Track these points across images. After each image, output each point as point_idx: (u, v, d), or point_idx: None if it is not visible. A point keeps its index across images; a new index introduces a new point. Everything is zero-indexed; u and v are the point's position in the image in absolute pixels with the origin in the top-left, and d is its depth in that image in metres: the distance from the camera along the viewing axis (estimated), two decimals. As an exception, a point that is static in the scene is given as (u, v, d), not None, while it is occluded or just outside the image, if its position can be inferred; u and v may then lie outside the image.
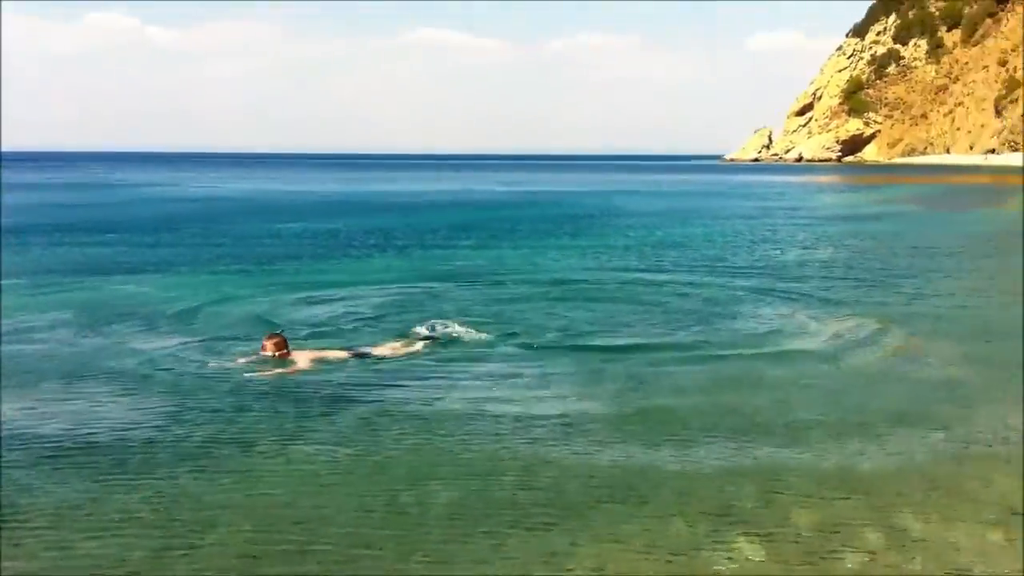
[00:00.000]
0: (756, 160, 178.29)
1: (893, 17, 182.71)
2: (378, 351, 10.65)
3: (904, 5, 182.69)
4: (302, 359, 10.13)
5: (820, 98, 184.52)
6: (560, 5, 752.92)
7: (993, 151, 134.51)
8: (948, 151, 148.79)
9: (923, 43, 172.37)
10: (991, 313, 14.07)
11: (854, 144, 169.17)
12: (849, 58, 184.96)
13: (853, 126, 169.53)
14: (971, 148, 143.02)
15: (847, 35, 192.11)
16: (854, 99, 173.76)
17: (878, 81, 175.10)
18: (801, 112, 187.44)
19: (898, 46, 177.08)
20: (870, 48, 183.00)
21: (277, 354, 10.08)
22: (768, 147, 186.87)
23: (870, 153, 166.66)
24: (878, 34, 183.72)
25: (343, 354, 10.48)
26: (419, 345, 10.96)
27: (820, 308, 13.83)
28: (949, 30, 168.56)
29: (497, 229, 28.98)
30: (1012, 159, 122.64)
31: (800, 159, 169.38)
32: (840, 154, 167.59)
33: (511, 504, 6.06)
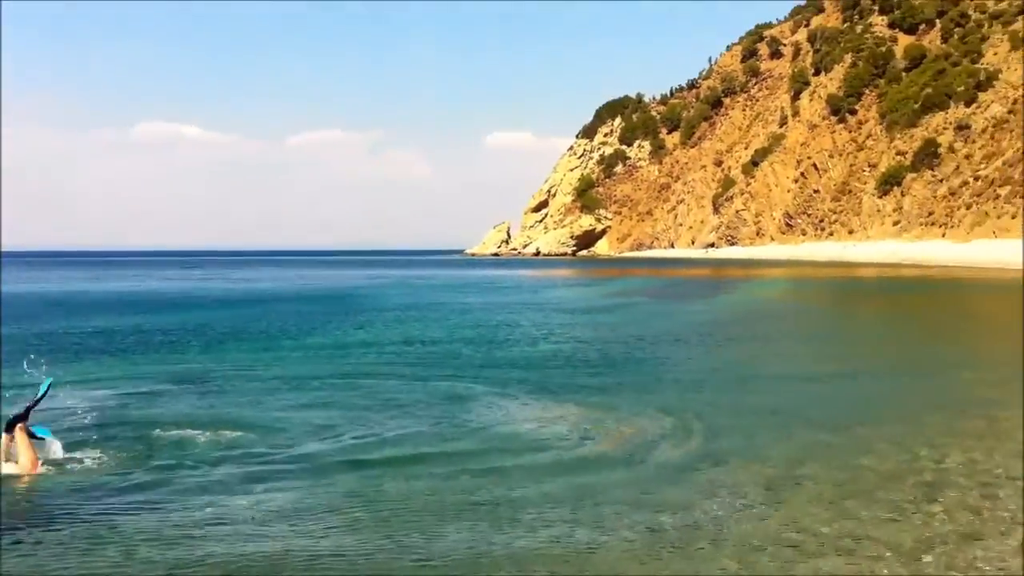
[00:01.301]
0: (496, 254, 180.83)
1: (619, 120, 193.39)
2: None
3: (628, 109, 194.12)
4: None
5: (555, 195, 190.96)
6: (297, 102, 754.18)
7: (712, 245, 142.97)
8: (672, 245, 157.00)
9: (647, 144, 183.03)
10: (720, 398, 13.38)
11: (587, 239, 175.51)
12: (580, 158, 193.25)
13: (586, 222, 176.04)
14: (692, 242, 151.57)
15: (577, 136, 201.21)
16: (586, 196, 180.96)
17: (607, 180, 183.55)
18: (537, 208, 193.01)
19: (624, 147, 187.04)
20: (599, 149, 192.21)
21: None
22: (507, 242, 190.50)
23: (602, 247, 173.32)
24: (605, 135, 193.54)
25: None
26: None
27: (554, 399, 13.44)
28: (670, 132, 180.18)
29: (226, 328, 25.71)
30: (731, 252, 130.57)
31: (538, 253, 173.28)
32: (575, 248, 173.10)
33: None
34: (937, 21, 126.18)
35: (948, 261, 74.00)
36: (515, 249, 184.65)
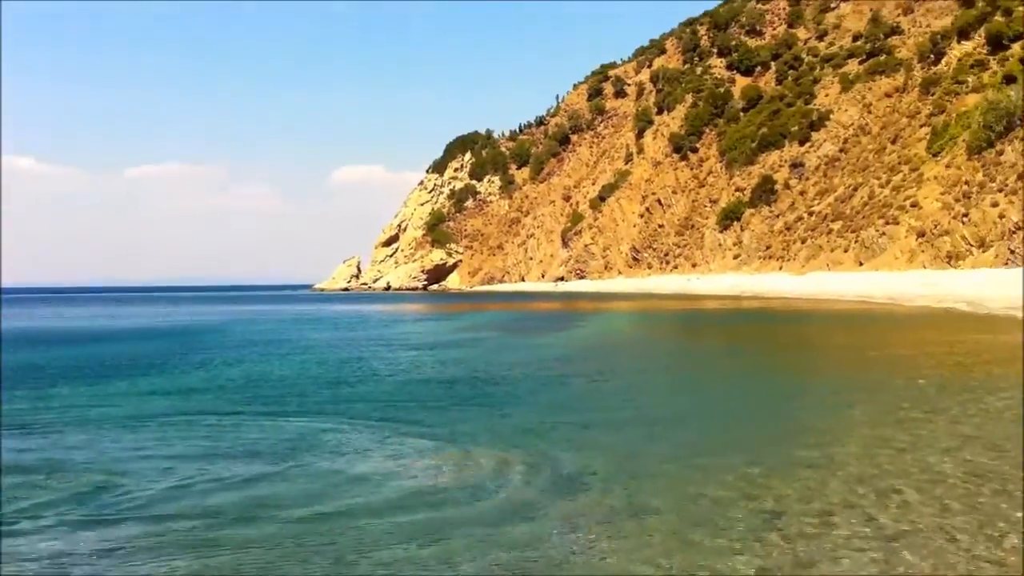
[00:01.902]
0: (346, 289, 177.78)
1: (469, 155, 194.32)
2: None
3: (478, 144, 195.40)
4: None
5: (405, 229, 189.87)
6: (138, 134, 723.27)
7: (562, 278, 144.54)
8: (523, 279, 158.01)
9: (497, 179, 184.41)
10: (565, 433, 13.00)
11: (438, 273, 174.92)
12: (430, 192, 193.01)
13: (436, 256, 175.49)
14: (543, 276, 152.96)
15: (428, 170, 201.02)
16: (436, 231, 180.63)
17: (458, 214, 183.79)
18: (388, 243, 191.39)
19: (474, 182, 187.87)
20: (449, 183, 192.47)
21: None
22: (357, 276, 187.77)
23: (453, 281, 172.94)
24: (456, 170, 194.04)
25: None
26: None
27: (401, 435, 13.05)
28: (519, 168, 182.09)
29: (55, 369, 23.53)
30: (580, 285, 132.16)
31: (389, 288, 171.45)
32: (426, 282, 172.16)
33: None
34: (772, 64, 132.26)
35: (786, 293, 76.50)
36: (365, 284, 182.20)
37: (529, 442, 12.01)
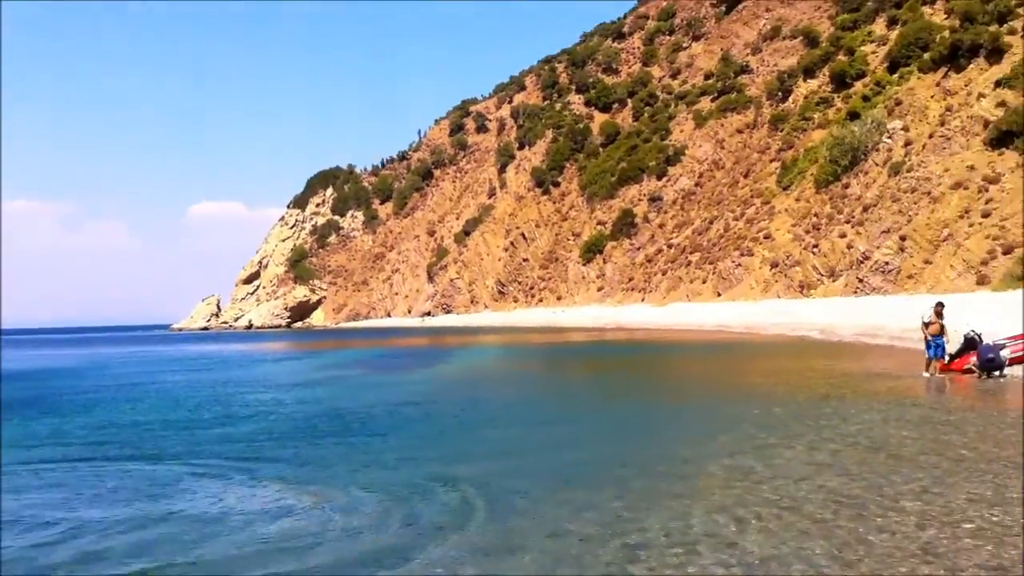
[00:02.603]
0: (206, 328, 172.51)
1: (330, 190, 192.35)
2: None
3: (340, 179, 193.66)
4: None
5: (267, 266, 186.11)
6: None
7: (429, 313, 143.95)
8: (389, 314, 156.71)
9: (360, 214, 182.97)
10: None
11: (302, 310, 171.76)
12: (292, 228, 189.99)
13: (300, 293, 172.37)
14: (409, 311, 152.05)
15: (289, 206, 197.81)
16: (299, 267, 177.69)
17: (321, 250, 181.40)
18: (249, 280, 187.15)
19: (337, 217, 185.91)
20: (311, 219, 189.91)
21: None
22: (217, 315, 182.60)
23: (318, 318, 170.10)
24: (318, 206, 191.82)
25: None
26: None
27: (257, 479, 12.68)
28: (382, 203, 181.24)
29: None
30: (447, 319, 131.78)
31: (250, 326, 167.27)
32: (289, 320, 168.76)
33: None
34: (629, 101, 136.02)
35: (648, 323, 78.15)
36: (226, 323, 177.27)
37: (392, 481, 11.81)
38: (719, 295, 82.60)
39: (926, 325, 22.98)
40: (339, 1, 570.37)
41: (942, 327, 22.76)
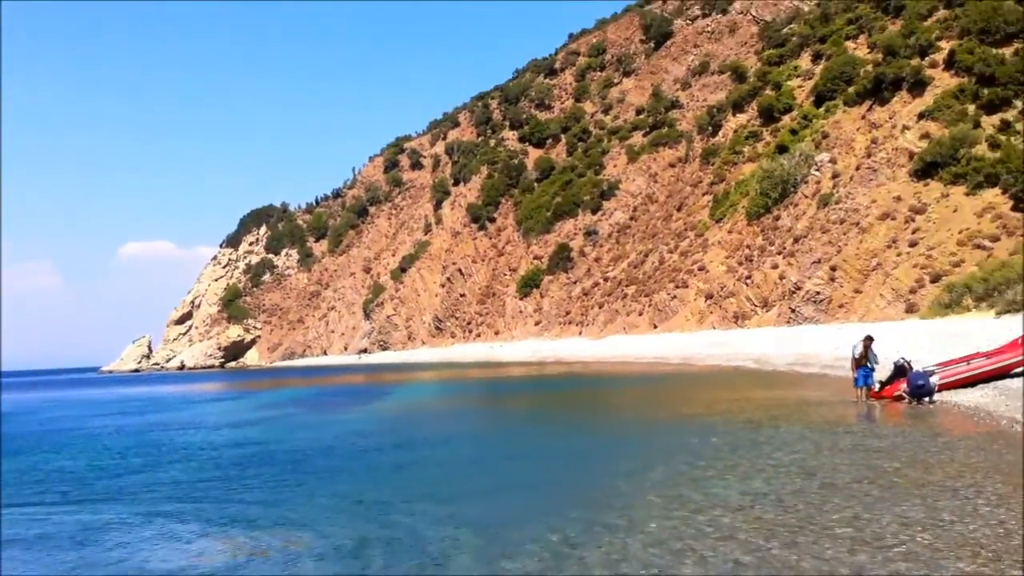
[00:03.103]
0: (136, 370, 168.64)
1: (264, 228, 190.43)
2: None
3: (274, 217, 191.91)
4: None
5: (199, 306, 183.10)
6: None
7: (366, 350, 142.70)
8: (325, 352, 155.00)
9: (295, 253, 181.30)
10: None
11: (236, 349, 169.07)
12: (225, 267, 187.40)
13: (234, 332, 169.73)
14: (345, 348, 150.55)
15: (221, 245, 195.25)
16: (233, 306, 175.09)
17: (255, 289, 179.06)
18: (181, 320, 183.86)
19: (271, 255, 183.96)
20: (245, 258, 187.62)
21: None
22: (149, 356, 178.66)
23: (252, 358, 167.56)
24: (251, 244, 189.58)
25: None
26: None
27: (185, 522, 12.54)
28: (317, 240, 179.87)
29: None
30: (384, 356, 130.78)
31: (183, 367, 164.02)
32: (223, 360, 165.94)
33: None
34: (563, 136, 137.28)
35: (586, 356, 78.41)
36: (158, 364, 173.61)
37: (326, 522, 11.70)
38: (655, 327, 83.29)
39: (855, 360, 23.68)
40: (272, 39, 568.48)
41: (867, 356, 23.52)
